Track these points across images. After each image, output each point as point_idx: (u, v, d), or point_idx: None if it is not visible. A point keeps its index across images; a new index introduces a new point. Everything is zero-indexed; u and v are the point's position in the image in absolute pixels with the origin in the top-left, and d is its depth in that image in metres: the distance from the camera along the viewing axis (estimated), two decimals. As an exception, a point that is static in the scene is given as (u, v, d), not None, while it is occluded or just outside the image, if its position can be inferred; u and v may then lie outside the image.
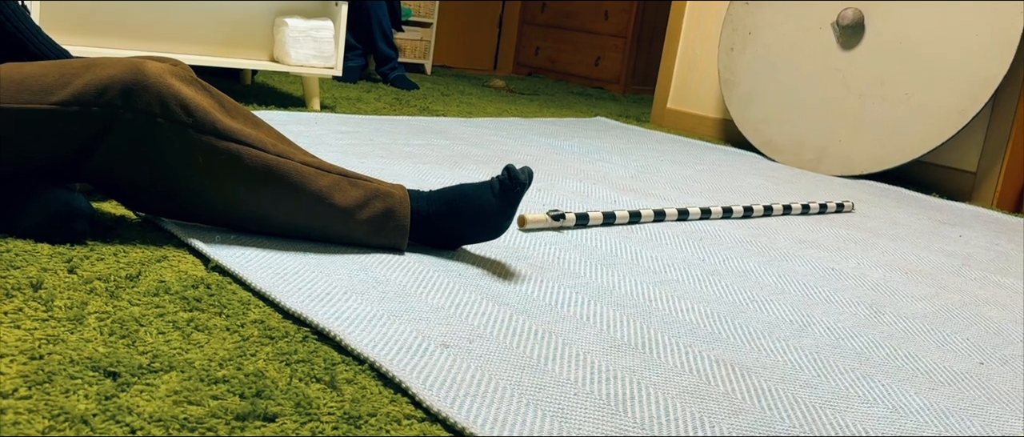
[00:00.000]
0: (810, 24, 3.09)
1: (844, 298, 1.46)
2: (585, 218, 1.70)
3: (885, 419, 0.99)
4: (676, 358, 1.09)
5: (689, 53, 3.72)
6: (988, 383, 1.15)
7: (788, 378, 1.07)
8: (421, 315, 1.10)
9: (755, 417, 0.95)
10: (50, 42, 1.37)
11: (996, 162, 2.80)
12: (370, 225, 1.31)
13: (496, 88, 4.52)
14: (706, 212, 1.93)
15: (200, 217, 1.28)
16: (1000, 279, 1.75)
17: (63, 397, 0.80)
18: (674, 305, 1.30)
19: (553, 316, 1.17)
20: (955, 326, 1.39)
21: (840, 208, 2.26)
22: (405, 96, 3.61)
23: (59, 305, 1.00)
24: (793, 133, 3.08)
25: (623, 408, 0.92)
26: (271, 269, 1.19)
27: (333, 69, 2.79)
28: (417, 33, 4.83)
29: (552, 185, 2.09)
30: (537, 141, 2.79)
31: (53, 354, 0.88)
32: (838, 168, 2.95)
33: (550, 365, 1.01)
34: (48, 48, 1.36)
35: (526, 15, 5.92)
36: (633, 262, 1.51)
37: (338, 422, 0.83)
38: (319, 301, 1.10)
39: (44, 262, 1.12)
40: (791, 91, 3.11)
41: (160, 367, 0.88)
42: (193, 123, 1.19)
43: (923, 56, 2.81)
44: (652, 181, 2.35)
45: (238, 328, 1.01)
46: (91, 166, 1.19)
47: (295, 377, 0.91)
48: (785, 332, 1.24)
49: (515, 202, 1.33)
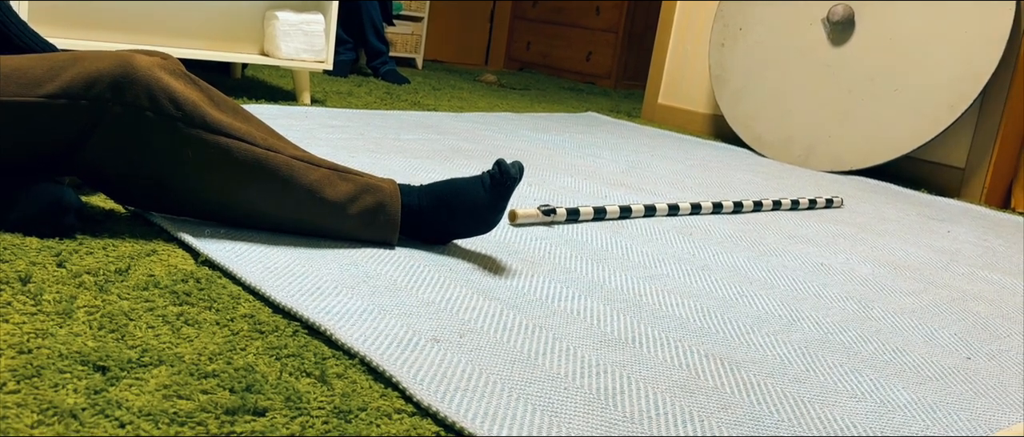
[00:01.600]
0: (800, 20, 3.10)
1: (833, 293, 1.47)
2: (576, 213, 1.70)
3: (873, 413, 1.00)
4: (666, 353, 1.09)
5: (680, 49, 3.72)
6: (975, 378, 1.16)
7: (777, 372, 1.08)
8: (412, 310, 1.10)
9: (744, 411, 0.95)
10: (36, 36, 1.36)
11: (984, 158, 2.82)
12: (360, 219, 1.31)
13: (487, 83, 4.52)
14: (696, 207, 1.94)
15: (190, 211, 1.27)
16: (988, 274, 1.76)
17: (52, 391, 0.79)
18: (664, 300, 1.30)
19: (543, 311, 1.18)
20: (943, 321, 1.40)
21: (829, 204, 2.27)
22: (396, 90, 3.61)
23: (48, 299, 0.99)
24: (783, 129, 3.09)
25: (613, 402, 0.93)
26: (261, 263, 1.18)
27: (324, 63, 2.78)
28: (408, 27, 4.82)
29: (543, 180, 2.10)
30: (528, 136, 2.79)
31: (42, 348, 0.87)
32: (827, 164, 2.96)
33: (540, 359, 1.01)
34: (33, 41, 1.35)
35: (517, 10, 5.92)
36: (623, 257, 1.51)
37: (328, 416, 0.83)
38: (309, 295, 1.10)
39: (33, 256, 1.11)
40: (781, 87, 3.12)
41: (150, 361, 0.88)
42: (182, 117, 1.18)
43: (913, 52, 2.82)
44: (643, 176, 2.36)
45: (228, 322, 1.01)
46: (80, 159, 1.19)
47: (285, 371, 0.90)
48: (774, 327, 1.25)
49: (506, 197, 1.33)
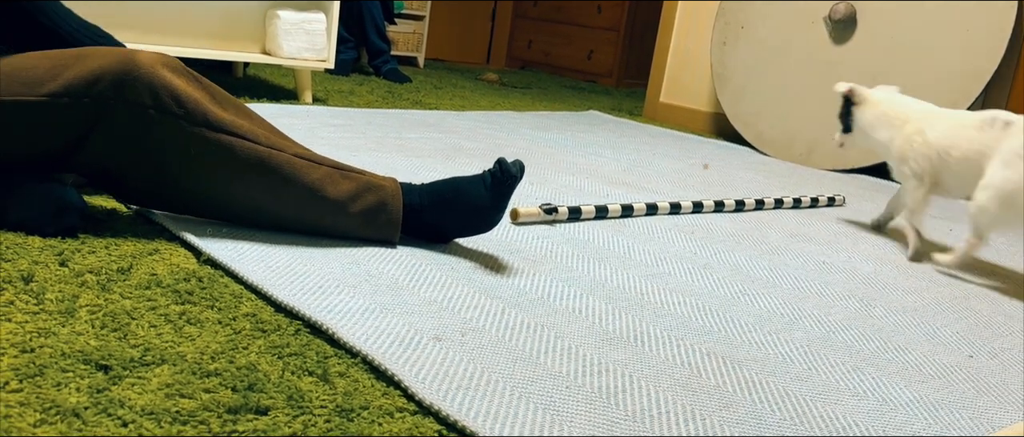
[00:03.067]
0: (802, 19, 3.10)
1: (835, 291, 1.47)
2: (577, 212, 1.70)
3: (875, 412, 1.00)
4: (668, 351, 1.09)
5: (682, 47, 3.72)
6: (977, 376, 1.16)
7: (779, 371, 1.08)
8: (413, 308, 1.11)
9: (746, 410, 0.95)
10: (82, 24, 1.33)
11: (986, 156, 2.81)
12: (362, 218, 1.31)
13: (489, 81, 4.52)
14: (698, 206, 1.94)
15: (192, 209, 1.27)
16: (990, 272, 1.75)
17: (54, 390, 0.80)
18: (666, 298, 1.30)
19: (545, 309, 1.18)
20: (945, 319, 1.40)
21: (831, 202, 2.27)
22: (397, 89, 3.61)
23: (50, 298, 0.99)
24: (785, 127, 3.09)
25: (615, 401, 0.93)
26: (263, 262, 1.19)
27: (325, 62, 2.78)
28: (410, 26, 4.82)
29: (544, 179, 2.10)
30: (529, 135, 2.79)
31: (44, 347, 0.87)
32: (829, 162, 2.96)
33: (542, 358, 1.01)
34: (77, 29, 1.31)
35: (519, 8, 5.92)
36: (625, 256, 1.51)
37: (330, 415, 0.83)
38: (311, 294, 1.10)
39: (35, 255, 1.12)
40: (783, 85, 3.12)
41: (152, 360, 0.88)
42: (185, 115, 1.18)
43: (914, 50, 2.82)
44: (644, 175, 2.36)
45: (230, 321, 1.01)
46: (82, 158, 1.19)
47: (287, 370, 0.91)
48: (776, 325, 1.25)
49: (507, 196, 1.33)
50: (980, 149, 1.66)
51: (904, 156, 1.80)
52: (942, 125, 1.76)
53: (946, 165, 1.73)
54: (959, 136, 1.71)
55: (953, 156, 1.71)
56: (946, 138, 1.73)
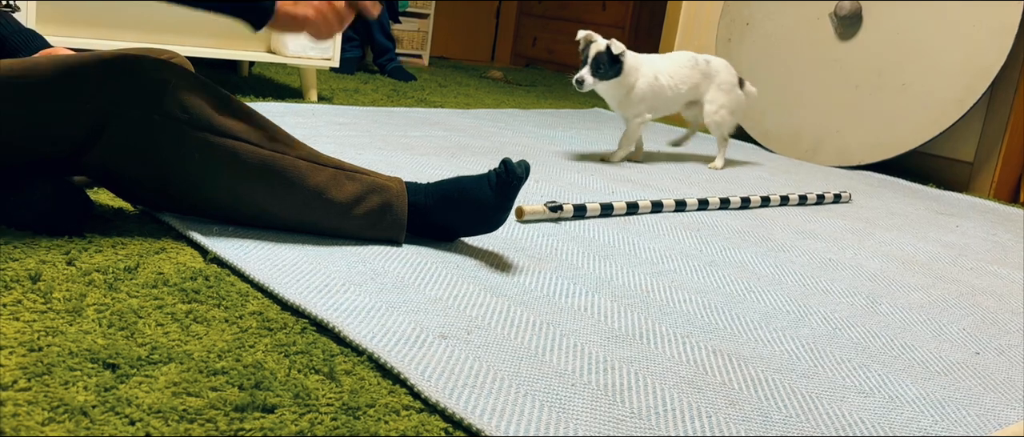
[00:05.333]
0: (808, 15, 3.09)
1: (841, 288, 1.46)
2: (583, 209, 1.70)
3: (881, 409, 1.00)
4: (673, 348, 1.09)
5: (687, 44, 3.71)
6: (984, 373, 1.16)
7: (785, 368, 1.08)
8: (419, 306, 1.11)
9: (752, 407, 0.95)
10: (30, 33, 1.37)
11: (993, 152, 2.80)
12: (367, 220, 1.31)
13: (494, 79, 4.52)
14: (704, 203, 1.94)
15: (197, 211, 1.28)
16: (996, 269, 1.75)
17: (62, 389, 0.80)
18: (672, 296, 1.30)
19: (551, 307, 1.18)
20: (951, 316, 1.39)
21: (837, 198, 2.26)
22: (402, 87, 3.61)
23: (58, 297, 1.00)
24: (790, 124, 3.08)
25: (620, 398, 0.93)
26: (269, 261, 1.19)
27: (330, 60, 2.79)
28: (414, 24, 4.82)
29: (549, 176, 2.10)
30: (534, 132, 2.79)
31: (52, 346, 0.88)
32: (835, 158, 2.95)
33: (548, 356, 1.01)
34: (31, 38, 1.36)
35: (523, 6, 5.91)
36: (631, 253, 1.51)
37: (337, 413, 0.83)
38: (317, 293, 1.10)
39: (42, 254, 1.12)
40: (789, 82, 3.11)
41: (159, 359, 0.88)
42: (189, 120, 1.18)
43: (920, 46, 2.81)
44: (649, 172, 2.35)
45: (237, 320, 1.01)
46: (89, 161, 1.19)
47: (294, 368, 0.91)
48: (782, 322, 1.25)
49: (511, 196, 1.33)
50: (697, 80, 2.48)
51: (643, 94, 2.39)
52: (666, 67, 2.44)
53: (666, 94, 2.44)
54: (679, 74, 2.45)
55: (679, 88, 2.45)
56: (672, 76, 2.44)
